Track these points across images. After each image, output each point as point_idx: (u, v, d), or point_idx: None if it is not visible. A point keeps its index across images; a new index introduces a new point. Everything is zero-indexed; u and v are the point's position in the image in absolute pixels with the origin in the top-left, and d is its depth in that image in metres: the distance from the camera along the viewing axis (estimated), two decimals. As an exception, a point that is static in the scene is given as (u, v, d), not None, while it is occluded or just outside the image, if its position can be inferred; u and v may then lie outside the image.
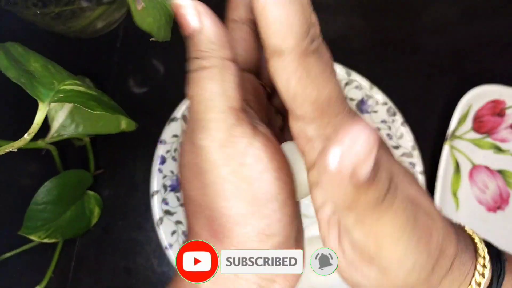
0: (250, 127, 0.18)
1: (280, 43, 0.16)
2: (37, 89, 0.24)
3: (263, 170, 0.17)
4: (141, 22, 0.18)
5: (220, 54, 0.17)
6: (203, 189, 0.17)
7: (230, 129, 0.17)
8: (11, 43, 0.27)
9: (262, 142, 0.18)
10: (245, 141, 0.17)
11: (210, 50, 0.17)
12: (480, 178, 0.41)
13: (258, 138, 0.18)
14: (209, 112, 0.17)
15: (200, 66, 0.18)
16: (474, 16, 0.46)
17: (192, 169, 0.18)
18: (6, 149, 0.24)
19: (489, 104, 0.40)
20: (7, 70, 0.23)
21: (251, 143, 0.17)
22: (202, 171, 0.17)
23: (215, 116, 0.17)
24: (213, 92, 0.17)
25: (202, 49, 0.17)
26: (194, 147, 0.17)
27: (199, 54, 0.18)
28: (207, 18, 0.17)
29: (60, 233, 0.36)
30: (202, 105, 0.17)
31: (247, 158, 0.17)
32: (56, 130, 0.32)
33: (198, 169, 0.18)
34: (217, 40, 0.17)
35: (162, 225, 0.38)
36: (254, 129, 0.18)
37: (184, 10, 0.18)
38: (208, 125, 0.17)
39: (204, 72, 0.17)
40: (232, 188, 0.17)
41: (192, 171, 0.18)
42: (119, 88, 0.43)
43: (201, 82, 0.17)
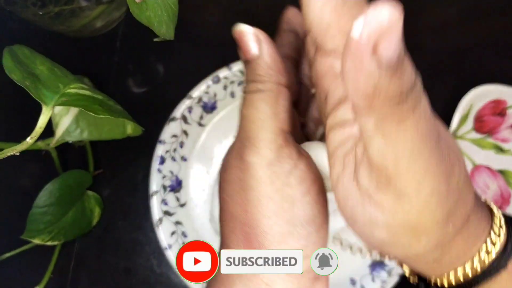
0: (296, 150, 0.19)
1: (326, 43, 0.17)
2: (41, 92, 0.24)
3: (305, 192, 0.18)
4: (138, 15, 0.18)
5: (276, 80, 0.19)
6: (246, 205, 0.18)
7: (279, 149, 0.18)
8: (18, 45, 0.27)
9: (306, 165, 0.19)
10: (291, 163, 0.18)
11: (267, 75, 0.19)
12: (481, 178, 0.41)
13: (302, 161, 0.19)
14: (260, 132, 0.18)
15: (256, 89, 0.19)
16: (474, 16, 0.46)
17: (237, 184, 0.19)
18: (8, 152, 0.24)
19: (490, 104, 0.40)
20: (12, 72, 0.23)
21: (296, 165, 0.18)
22: (246, 187, 0.18)
23: (266, 136, 0.18)
24: (266, 114, 0.18)
25: (260, 73, 0.19)
26: (242, 163, 0.18)
27: (257, 78, 0.19)
28: (266, 46, 0.19)
29: (62, 234, 0.36)
30: (255, 125, 0.18)
31: (292, 179, 0.18)
32: (61, 135, 0.32)
33: (243, 184, 0.18)
34: (274, 67, 0.19)
35: (161, 225, 0.38)
36: (299, 152, 0.19)
37: (246, 37, 0.19)
38: (259, 143, 0.18)
39: (260, 94, 0.18)
40: (274, 207, 0.18)
41: (236, 187, 0.19)
42: (119, 87, 0.43)
43: (256, 103, 0.18)
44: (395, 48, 0.12)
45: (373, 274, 0.37)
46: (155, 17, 0.19)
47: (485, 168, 0.41)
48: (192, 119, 0.40)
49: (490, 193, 0.41)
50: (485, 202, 0.19)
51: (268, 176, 0.18)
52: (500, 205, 0.40)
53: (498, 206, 0.40)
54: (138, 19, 0.18)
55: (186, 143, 0.40)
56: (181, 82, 0.42)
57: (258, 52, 0.19)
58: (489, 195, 0.41)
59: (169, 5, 0.20)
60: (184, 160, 0.40)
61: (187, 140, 0.40)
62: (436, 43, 0.46)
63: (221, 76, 0.40)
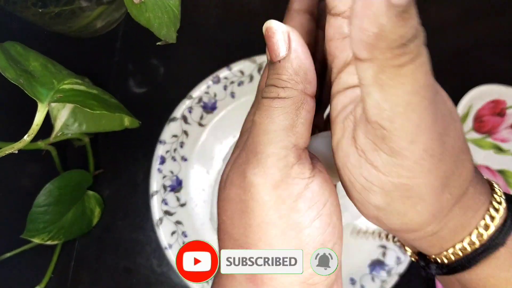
0: (310, 168, 0.17)
1: None
2: (36, 89, 0.24)
3: (315, 217, 0.16)
4: (137, 16, 0.18)
5: (301, 87, 0.17)
6: (246, 229, 0.16)
7: (288, 168, 0.16)
8: (10, 42, 0.27)
9: (319, 184, 0.17)
10: (301, 184, 0.16)
11: (292, 81, 0.16)
12: (480, 178, 0.41)
13: (316, 179, 0.17)
14: (270, 146, 0.16)
15: (277, 95, 0.17)
16: (474, 16, 0.46)
17: (238, 205, 0.17)
18: (6, 151, 0.24)
19: (489, 104, 0.40)
20: (5, 70, 0.23)
21: (308, 185, 0.16)
22: (248, 210, 0.16)
23: (275, 151, 0.16)
24: (280, 125, 0.16)
25: (283, 78, 0.17)
26: (245, 182, 0.16)
27: (279, 83, 0.17)
28: (298, 47, 0.17)
29: (62, 234, 0.36)
30: (266, 137, 0.16)
31: (300, 203, 0.16)
32: (60, 129, 0.32)
33: (244, 207, 0.16)
34: (302, 72, 0.17)
35: (161, 225, 0.38)
36: (313, 170, 0.17)
37: (275, 35, 0.17)
38: (266, 160, 0.16)
39: (279, 102, 0.16)
40: (278, 234, 0.16)
41: (237, 208, 0.17)
42: (119, 88, 0.43)
43: (272, 112, 0.16)
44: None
45: (372, 273, 0.38)
46: (155, 19, 0.19)
47: (484, 168, 0.41)
48: (193, 119, 0.40)
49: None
50: (487, 179, 0.19)
51: (273, 200, 0.16)
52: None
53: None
54: (137, 20, 0.18)
55: (186, 143, 0.41)
56: (181, 82, 0.42)
57: (287, 53, 0.17)
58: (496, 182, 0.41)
59: (170, 7, 0.20)
60: (185, 160, 0.40)
61: (188, 140, 0.41)
62: (436, 43, 0.45)
63: (221, 76, 0.40)
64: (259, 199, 0.16)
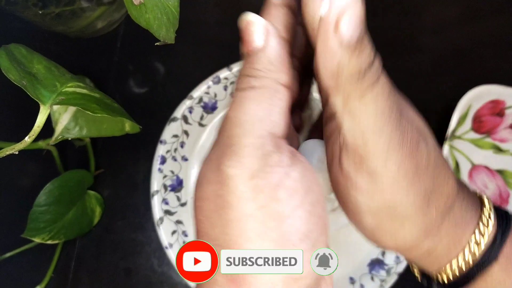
0: (289, 156, 0.16)
1: None
2: (38, 91, 0.24)
3: (297, 205, 0.15)
4: (137, 17, 0.18)
5: (274, 76, 0.16)
6: (224, 227, 0.15)
7: (266, 157, 0.15)
8: (15, 44, 0.27)
9: (300, 172, 0.16)
10: (280, 172, 0.15)
11: (266, 71, 0.16)
12: (479, 178, 0.41)
13: (296, 167, 0.16)
14: (245, 137, 0.15)
15: (249, 85, 0.16)
16: (474, 16, 0.46)
17: (214, 202, 0.16)
18: (7, 151, 0.24)
19: (488, 104, 0.40)
20: (8, 72, 0.23)
21: (288, 173, 0.15)
22: (225, 205, 0.15)
23: (251, 141, 0.15)
24: (254, 116, 0.16)
25: (257, 68, 0.16)
26: (220, 176, 0.15)
27: (252, 73, 0.16)
28: (274, 39, 0.17)
29: (63, 233, 0.36)
30: (240, 129, 0.16)
31: (280, 192, 0.15)
32: (60, 132, 0.32)
33: (221, 202, 0.15)
34: (277, 62, 0.17)
35: (162, 225, 0.38)
36: (292, 158, 0.16)
37: (253, 26, 0.17)
38: (241, 151, 0.15)
39: (251, 92, 0.16)
40: (258, 227, 0.15)
41: (213, 205, 0.16)
42: (119, 88, 0.43)
43: (246, 103, 0.16)
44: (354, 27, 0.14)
45: (372, 273, 0.38)
46: (154, 20, 0.19)
47: (483, 168, 0.41)
48: (193, 119, 0.41)
49: (488, 193, 0.41)
50: (477, 193, 0.20)
51: (250, 190, 0.15)
52: (499, 205, 0.41)
53: (497, 206, 0.40)
54: (137, 21, 0.18)
55: (186, 143, 0.41)
56: (181, 82, 0.42)
57: (263, 44, 0.17)
58: (487, 195, 0.41)
59: (169, 8, 0.20)
60: (185, 160, 0.41)
61: (188, 140, 0.41)
62: (436, 43, 0.46)
63: (222, 76, 0.40)
64: (236, 191, 0.15)
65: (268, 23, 0.17)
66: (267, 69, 0.16)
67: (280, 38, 0.17)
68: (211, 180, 0.16)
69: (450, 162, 0.40)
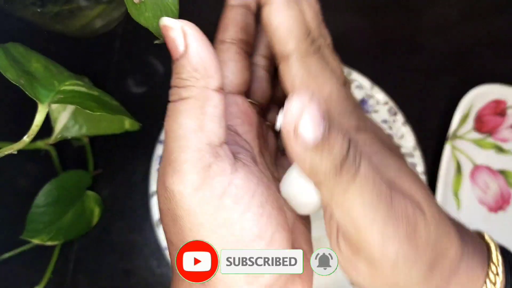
0: (230, 163, 0.16)
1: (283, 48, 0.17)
2: (36, 90, 0.24)
3: (244, 210, 0.16)
4: (137, 16, 0.18)
5: (202, 84, 0.16)
6: (180, 235, 0.16)
7: (206, 169, 0.16)
8: (12, 43, 0.27)
9: (243, 177, 0.16)
10: (223, 181, 0.16)
11: (192, 79, 0.16)
12: (481, 178, 0.41)
13: (238, 174, 0.16)
14: (182, 152, 0.16)
15: (179, 97, 0.16)
16: (474, 16, 0.46)
17: (168, 215, 0.17)
18: (6, 151, 0.24)
19: (490, 104, 0.40)
20: (6, 71, 0.23)
21: (231, 181, 0.16)
22: (177, 218, 0.16)
23: (189, 157, 0.15)
24: (188, 129, 0.16)
25: (183, 77, 0.16)
26: (167, 192, 0.16)
27: (180, 83, 0.16)
28: (194, 41, 0.16)
29: (62, 234, 0.35)
30: (176, 144, 0.16)
31: (225, 199, 0.16)
32: (59, 131, 0.32)
33: (173, 215, 0.16)
34: (201, 67, 0.16)
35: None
36: (234, 164, 0.17)
37: (171, 32, 0.16)
38: (181, 167, 0.15)
39: (181, 104, 0.16)
40: (211, 235, 0.16)
41: (168, 217, 0.17)
42: (118, 87, 0.43)
43: (178, 115, 0.16)
44: (314, 127, 0.14)
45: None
46: (154, 18, 0.19)
47: (485, 168, 0.41)
48: (192, 119, 0.40)
49: (490, 193, 0.41)
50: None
51: (196, 203, 0.15)
52: (500, 205, 0.40)
53: (498, 206, 0.40)
54: (137, 20, 0.18)
55: (186, 143, 0.40)
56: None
57: (184, 50, 0.16)
58: (489, 195, 0.41)
59: (169, 6, 0.20)
60: (184, 160, 0.40)
61: (187, 140, 0.40)
62: (436, 43, 0.46)
63: (221, 76, 0.40)
64: (183, 205, 0.16)
65: (186, 24, 0.16)
66: (192, 77, 0.16)
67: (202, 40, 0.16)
68: (161, 195, 0.17)
69: (452, 162, 0.40)
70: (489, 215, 0.40)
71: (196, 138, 0.16)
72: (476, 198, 0.40)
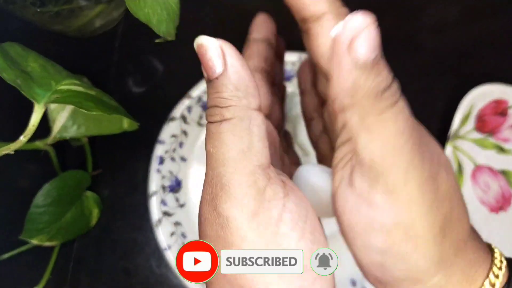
0: (281, 185, 0.16)
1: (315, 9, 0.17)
2: (33, 89, 0.24)
3: (299, 237, 0.15)
4: (136, 11, 0.18)
5: (245, 103, 0.16)
6: None
7: (261, 193, 0.15)
8: (9, 43, 0.27)
9: (295, 201, 0.16)
10: (279, 205, 0.15)
11: (234, 98, 0.15)
12: (482, 178, 0.41)
13: (291, 197, 0.16)
14: (235, 175, 0.15)
15: (222, 118, 0.15)
16: (474, 16, 0.46)
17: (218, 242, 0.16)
18: (3, 151, 0.24)
19: (491, 103, 0.40)
20: (3, 71, 0.23)
21: (285, 205, 0.15)
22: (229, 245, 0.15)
23: (242, 179, 0.15)
24: (237, 150, 0.15)
25: (225, 96, 0.15)
26: (219, 218, 0.15)
27: (221, 102, 0.15)
28: (234, 60, 0.16)
29: (61, 235, 0.35)
30: (226, 167, 0.15)
31: (282, 226, 0.15)
32: (58, 131, 0.31)
33: (224, 243, 0.15)
34: (243, 86, 0.16)
35: (160, 226, 0.38)
36: (285, 187, 0.16)
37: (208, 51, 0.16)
38: (236, 191, 0.15)
39: (226, 125, 0.15)
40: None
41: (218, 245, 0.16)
42: (118, 87, 0.43)
43: (223, 137, 0.15)
44: (370, 48, 0.14)
45: (373, 274, 0.37)
46: (154, 15, 0.18)
47: (486, 168, 0.41)
48: (192, 118, 0.40)
49: (491, 193, 0.40)
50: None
51: (253, 229, 0.15)
52: (501, 205, 0.40)
53: (499, 207, 0.40)
54: (135, 15, 0.18)
55: (185, 143, 0.40)
56: (180, 81, 0.42)
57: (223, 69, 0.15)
58: (490, 195, 0.40)
59: (169, 3, 0.20)
60: (184, 160, 0.40)
61: (187, 140, 0.40)
62: (436, 43, 0.45)
63: (221, 75, 0.40)
64: (239, 231, 0.15)
65: (224, 43, 0.16)
66: (235, 96, 0.15)
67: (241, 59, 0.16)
68: (210, 221, 0.16)
69: (453, 163, 0.40)
70: (490, 215, 0.40)
71: (246, 160, 0.15)
72: (477, 198, 0.40)
